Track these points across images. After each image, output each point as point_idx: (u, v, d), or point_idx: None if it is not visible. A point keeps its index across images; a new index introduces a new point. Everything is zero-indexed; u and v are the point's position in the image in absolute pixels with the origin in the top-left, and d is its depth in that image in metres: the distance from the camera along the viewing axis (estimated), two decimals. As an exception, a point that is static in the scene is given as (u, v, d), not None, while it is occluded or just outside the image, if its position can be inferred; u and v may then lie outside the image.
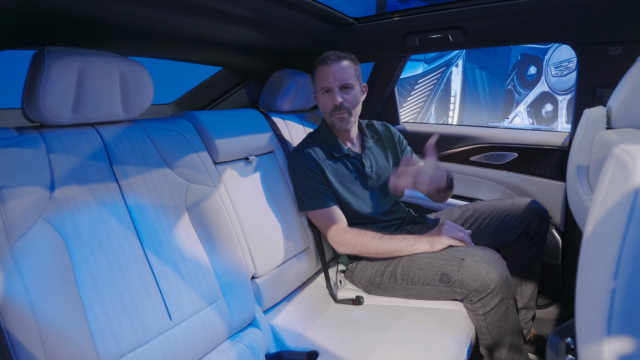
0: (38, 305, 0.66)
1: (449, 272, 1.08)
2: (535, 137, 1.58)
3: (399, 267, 1.20)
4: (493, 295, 1.02)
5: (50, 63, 0.76)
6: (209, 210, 1.01)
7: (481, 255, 1.06)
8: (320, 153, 1.31)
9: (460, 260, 1.07)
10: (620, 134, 0.88)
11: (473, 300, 1.06)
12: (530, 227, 1.30)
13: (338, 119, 1.30)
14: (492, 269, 1.02)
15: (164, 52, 1.43)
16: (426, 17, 1.39)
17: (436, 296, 1.16)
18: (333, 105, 1.29)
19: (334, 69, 1.27)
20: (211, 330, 0.91)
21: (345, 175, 1.32)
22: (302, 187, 1.29)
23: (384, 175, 1.39)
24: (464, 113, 7.41)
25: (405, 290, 1.20)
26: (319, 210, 1.27)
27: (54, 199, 0.76)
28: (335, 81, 1.27)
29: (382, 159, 1.42)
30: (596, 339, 0.35)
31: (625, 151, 0.36)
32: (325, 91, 1.30)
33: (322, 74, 1.29)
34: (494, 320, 1.06)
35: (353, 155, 1.35)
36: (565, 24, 1.28)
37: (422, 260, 1.15)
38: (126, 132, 0.94)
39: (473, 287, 1.03)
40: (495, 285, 1.01)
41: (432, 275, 1.12)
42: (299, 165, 1.30)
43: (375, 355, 0.99)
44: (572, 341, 0.88)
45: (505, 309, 1.05)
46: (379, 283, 1.25)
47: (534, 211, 1.30)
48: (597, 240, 0.39)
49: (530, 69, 6.91)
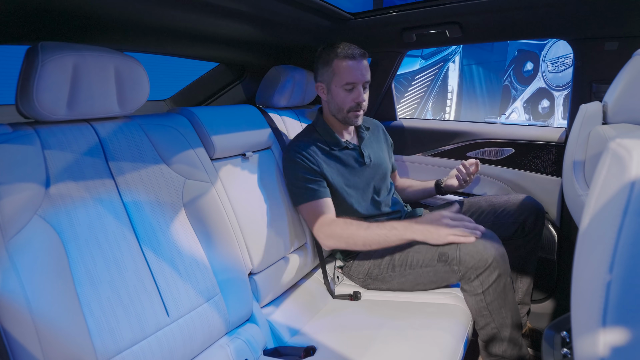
0: (34, 302, 0.66)
1: (447, 250, 1.10)
2: (532, 133, 1.59)
3: (396, 254, 1.20)
4: (491, 271, 1.05)
5: (44, 58, 0.75)
6: (206, 207, 1.01)
7: (481, 232, 1.10)
8: (317, 148, 1.29)
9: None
10: (617, 129, 0.88)
11: (471, 277, 1.07)
12: (526, 224, 1.30)
13: (355, 115, 1.28)
14: (489, 245, 1.06)
15: (160, 48, 1.42)
16: (423, 13, 1.38)
17: (433, 278, 1.16)
18: (356, 103, 1.26)
19: (361, 65, 1.25)
20: (209, 327, 0.91)
21: (345, 168, 1.31)
22: (294, 179, 1.26)
23: (381, 166, 1.39)
24: (461, 109, 7.42)
25: (403, 277, 1.20)
26: (308, 203, 1.24)
27: (50, 196, 0.75)
28: (361, 80, 1.25)
29: (378, 150, 1.43)
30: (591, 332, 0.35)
31: (621, 145, 0.36)
32: (351, 88, 1.26)
33: (349, 69, 1.24)
34: (494, 299, 1.07)
35: (352, 147, 1.35)
36: (561, 19, 1.28)
37: (420, 244, 1.16)
38: (122, 128, 0.93)
39: (471, 264, 1.06)
40: (492, 259, 1.04)
41: (430, 256, 1.13)
42: (292, 158, 1.27)
43: (372, 350, 0.99)
44: (567, 335, 0.89)
45: (504, 287, 1.07)
46: (376, 275, 1.25)
47: (529, 207, 1.30)
48: (592, 234, 0.39)
49: (527, 64, 6.92)
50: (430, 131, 1.82)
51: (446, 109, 7.32)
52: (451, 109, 7.37)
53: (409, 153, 1.86)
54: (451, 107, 7.36)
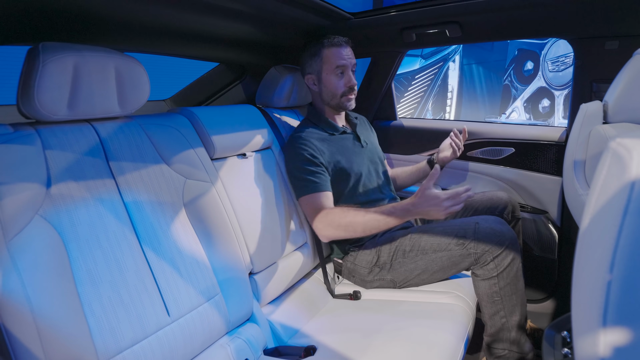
0: (35, 302, 0.66)
1: (464, 233, 1.13)
2: (532, 132, 1.59)
3: (407, 239, 1.22)
4: (507, 254, 1.08)
5: (45, 59, 0.75)
6: (206, 207, 1.01)
7: (493, 219, 1.17)
8: (316, 135, 1.33)
9: (475, 223, 1.14)
10: (617, 128, 0.88)
11: (487, 260, 1.09)
12: (504, 216, 1.35)
13: (348, 99, 1.35)
14: (504, 229, 1.12)
15: (160, 48, 1.42)
16: (423, 12, 1.38)
17: (446, 263, 1.17)
18: (348, 87, 1.33)
19: (347, 50, 1.34)
20: (209, 326, 0.91)
21: (346, 150, 1.34)
22: (295, 171, 1.27)
23: (376, 150, 1.46)
24: (461, 108, 7.41)
25: (413, 263, 1.20)
26: (308, 196, 1.23)
27: (51, 196, 0.75)
28: (350, 63, 1.33)
29: (370, 136, 1.50)
30: (592, 332, 0.35)
31: (622, 145, 0.36)
32: (340, 72, 1.33)
33: (337, 54, 1.32)
34: (507, 283, 1.09)
35: (349, 132, 1.41)
36: (562, 18, 1.28)
37: (435, 229, 1.19)
38: (122, 129, 0.93)
39: (488, 246, 1.08)
40: (509, 242, 1.08)
41: (447, 240, 1.15)
42: (292, 149, 1.29)
43: (373, 350, 0.99)
44: (568, 334, 0.89)
45: (516, 271, 1.09)
46: (384, 262, 1.24)
47: (504, 200, 1.36)
48: (593, 233, 0.39)
49: (527, 64, 6.91)
50: (430, 131, 1.82)
51: (446, 108, 7.32)
52: (451, 109, 7.36)
53: (409, 153, 1.86)
54: (451, 107, 7.36)
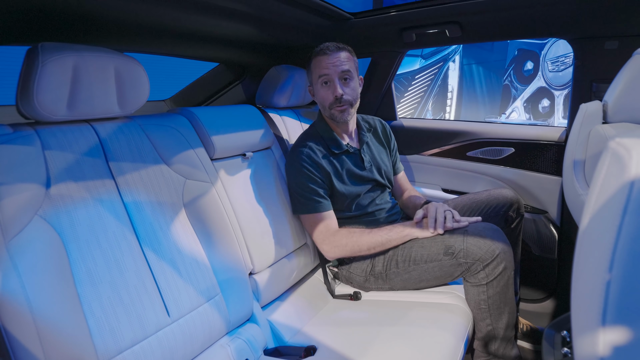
0: (35, 303, 0.66)
1: (453, 243, 1.10)
2: (532, 132, 1.59)
3: (399, 250, 1.20)
4: (497, 263, 1.05)
5: (44, 59, 0.75)
6: (206, 207, 1.01)
7: (483, 225, 1.12)
8: (318, 151, 1.28)
9: (463, 231, 1.11)
10: (617, 128, 0.88)
11: (477, 269, 1.07)
12: (509, 216, 1.33)
13: (338, 111, 1.26)
14: (495, 237, 1.07)
15: (160, 48, 1.42)
16: (423, 12, 1.38)
17: (438, 273, 1.16)
18: (334, 98, 1.24)
19: (333, 58, 1.23)
20: (209, 326, 0.91)
21: (345, 172, 1.30)
22: (297, 187, 1.26)
23: (381, 169, 1.39)
24: (461, 108, 7.41)
25: (407, 274, 1.20)
26: (311, 215, 1.24)
27: (50, 196, 0.75)
28: (335, 71, 1.23)
29: (379, 153, 1.42)
30: (591, 331, 0.35)
31: (621, 144, 0.36)
32: (324, 82, 1.25)
33: (321, 64, 1.24)
34: (496, 292, 1.07)
35: (352, 151, 1.33)
36: (561, 18, 1.28)
37: (424, 240, 1.17)
38: (122, 129, 0.93)
39: (478, 255, 1.06)
40: (500, 251, 1.05)
41: (436, 250, 1.13)
42: (296, 165, 1.26)
43: (373, 350, 0.99)
44: (567, 334, 0.89)
45: (507, 281, 1.07)
46: (379, 272, 1.24)
47: (509, 199, 1.34)
48: (592, 233, 0.39)
49: (527, 64, 6.91)
50: (430, 131, 1.83)
51: (446, 108, 7.32)
52: (451, 109, 7.37)
53: (409, 153, 1.86)
54: (451, 107, 7.36)
